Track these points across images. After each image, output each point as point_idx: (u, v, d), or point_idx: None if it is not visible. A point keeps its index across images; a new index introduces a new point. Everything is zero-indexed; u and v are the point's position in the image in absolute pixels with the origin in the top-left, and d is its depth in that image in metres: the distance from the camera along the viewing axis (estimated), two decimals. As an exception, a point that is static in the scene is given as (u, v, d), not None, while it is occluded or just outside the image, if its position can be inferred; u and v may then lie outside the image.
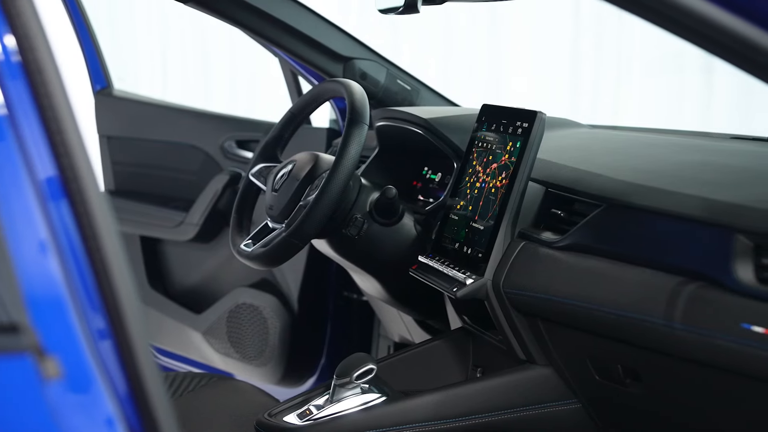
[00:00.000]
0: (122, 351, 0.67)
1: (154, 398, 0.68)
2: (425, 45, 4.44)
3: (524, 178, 1.44)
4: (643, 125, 2.09)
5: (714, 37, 0.94)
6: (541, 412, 1.47)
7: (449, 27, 4.35)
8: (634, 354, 1.28)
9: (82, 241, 0.66)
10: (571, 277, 1.33)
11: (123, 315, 0.67)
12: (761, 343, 1.05)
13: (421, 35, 4.40)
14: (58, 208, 0.67)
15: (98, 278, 0.67)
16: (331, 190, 1.59)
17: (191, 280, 2.74)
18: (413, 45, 4.44)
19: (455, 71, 4.38)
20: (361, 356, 1.49)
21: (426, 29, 4.36)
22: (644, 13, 0.95)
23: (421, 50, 4.44)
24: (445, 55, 4.42)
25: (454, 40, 4.39)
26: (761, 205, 1.15)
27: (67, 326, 0.64)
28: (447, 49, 4.42)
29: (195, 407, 1.79)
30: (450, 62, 4.41)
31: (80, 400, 0.64)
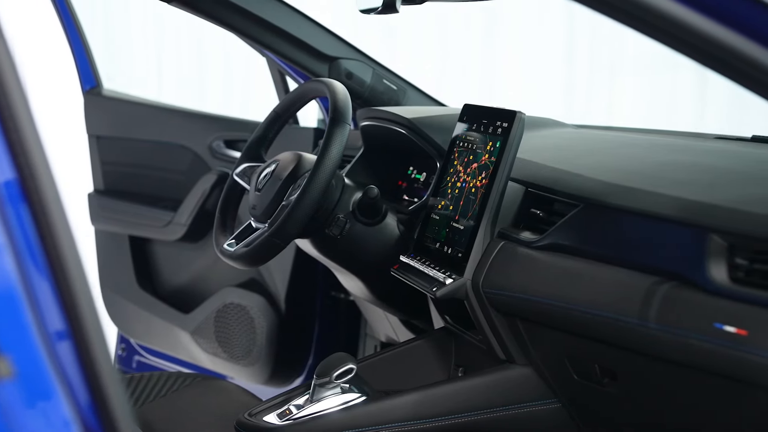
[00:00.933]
0: (80, 352, 0.67)
1: (112, 399, 0.68)
2: (420, 45, 4.44)
3: (503, 177, 1.44)
4: (631, 125, 2.09)
5: (682, 37, 0.94)
6: (521, 412, 1.47)
7: (443, 27, 4.36)
8: (610, 354, 1.28)
9: (39, 240, 0.66)
10: (549, 277, 1.33)
11: (80, 316, 0.67)
12: (733, 343, 1.06)
13: (416, 36, 4.41)
14: (15, 207, 0.67)
15: (55, 278, 0.67)
16: (313, 190, 1.59)
17: (180, 279, 2.74)
18: (408, 45, 4.44)
19: (449, 71, 4.39)
20: (341, 356, 1.49)
21: (421, 29, 4.37)
22: (613, 12, 0.95)
23: (416, 50, 4.45)
24: (439, 55, 4.43)
25: (449, 40, 4.39)
26: (735, 205, 1.15)
27: (21, 326, 0.64)
28: (442, 49, 4.42)
29: (178, 407, 1.79)
30: (444, 62, 4.41)
31: (34, 401, 0.63)
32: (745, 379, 1.07)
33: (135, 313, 2.78)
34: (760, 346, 1.03)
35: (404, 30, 4.41)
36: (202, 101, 4.95)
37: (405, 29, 4.40)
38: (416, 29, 4.37)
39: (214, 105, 4.82)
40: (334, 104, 1.66)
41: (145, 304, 2.73)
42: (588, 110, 4.17)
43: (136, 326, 2.82)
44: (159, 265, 2.78)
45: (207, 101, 4.98)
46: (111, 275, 2.83)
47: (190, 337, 2.62)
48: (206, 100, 5.02)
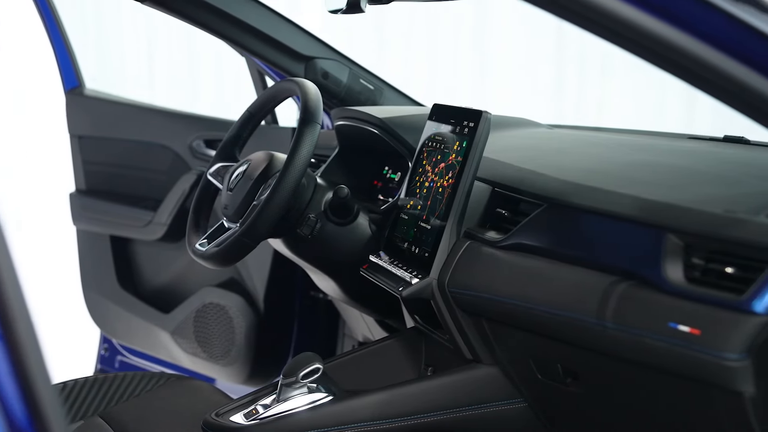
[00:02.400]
0: (12, 356, 0.67)
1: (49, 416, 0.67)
2: (409, 46, 4.44)
3: (469, 177, 1.44)
4: (619, 125, 2.09)
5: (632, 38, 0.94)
6: (488, 412, 1.47)
7: (432, 28, 4.36)
8: (571, 353, 1.28)
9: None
10: (511, 277, 1.33)
11: (11, 319, 0.67)
12: (686, 342, 1.06)
13: (406, 37, 4.41)
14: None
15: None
16: (282, 190, 1.59)
17: (160, 279, 2.74)
18: (397, 45, 4.44)
19: (440, 72, 4.39)
20: (308, 356, 1.49)
21: (410, 30, 4.37)
22: (563, 12, 0.95)
23: (405, 51, 4.45)
24: (429, 56, 4.43)
25: (438, 41, 4.39)
26: (692, 205, 1.15)
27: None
28: (431, 50, 4.42)
29: (151, 407, 1.79)
30: (435, 63, 4.41)
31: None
32: (698, 379, 1.07)
33: (116, 313, 2.78)
34: (712, 345, 1.03)
35: (391, 30, 4.41)
36: (194, 100, 4.95)
37: (395, 30, 4.40)
38: (406, 30, 4.37)
39: (207, 104, 4.82)
40: (304, 104, 1.66)
41: (126, 304, 2.73)
42: (578, 110, 4.17)
43: (118, 326, 2.82)
44: (140, 265, 2.78)
45: (199, 101, 4.98)
46: (92, 275, 2.83)
47: (170, 337, 2.62)
48: (198, 100, 5.01)
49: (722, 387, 1.05)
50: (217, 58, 5.02)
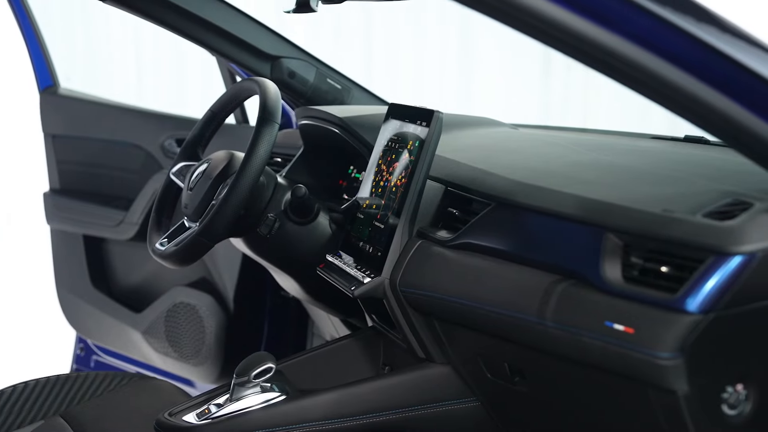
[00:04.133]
0: None
1: None
2: (395, 49, 4.45)
3: (421, 176, 1.44)
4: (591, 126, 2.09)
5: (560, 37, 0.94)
6: (440, 411, 1.47)
7: (418, 31, 4.36)
8: (517, 352, 1.28)
9: None
10: (458, 276, 1.33)
11: None
12: (621, 341, 1.06)
13: (392, 39, 4.41)
14: None
15: None
16: (239, 190, 1.59)
17: (133, 279, 2.74)
18: (384, 48, 4.44)
19: (426, 74, 4.39)
20: (260, 355, 1.49)
21: (396, 33, 4.37)
22: (490, 11, 0.95)
23: (391, 54, 4.45)
24: (415, 59, 4.43)
25: (425, 43, 4.40)
26: (632, 204, 1.15)
27: None
28: (417, 53, 4.42)
29: (110, 406, 1.79)
30: (420, 65, 4.41)
31: None
32: (634, 377, 1.07)
33: (89, 313, 2.78)
34: (645, 344, 1.04)
35: (378, 32, 4.42)
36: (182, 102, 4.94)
37: (379, 33, 4.40)
38: (392, 33, 4.37)
39: (195, 105, 4.81)
40: (263, 103, 1.66)
41: (99, 303, 2.73)
42: (564, 111, 4.18)
43: (91, 326, 2.81)
44: (112, 264, 2.78)
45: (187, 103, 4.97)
46: (66, 275, 2.83)
47: (142, 336, 2.62)
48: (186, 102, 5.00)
49: (656, 385, 1.05)
50: (206, 58, 5.01)
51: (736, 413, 1.08)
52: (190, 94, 5.05)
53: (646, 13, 0.93)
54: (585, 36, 0.93)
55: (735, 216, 1.07)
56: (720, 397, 1.06)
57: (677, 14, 0.95)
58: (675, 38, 0.94)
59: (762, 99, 0.97)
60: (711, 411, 1.06)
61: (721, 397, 1.07)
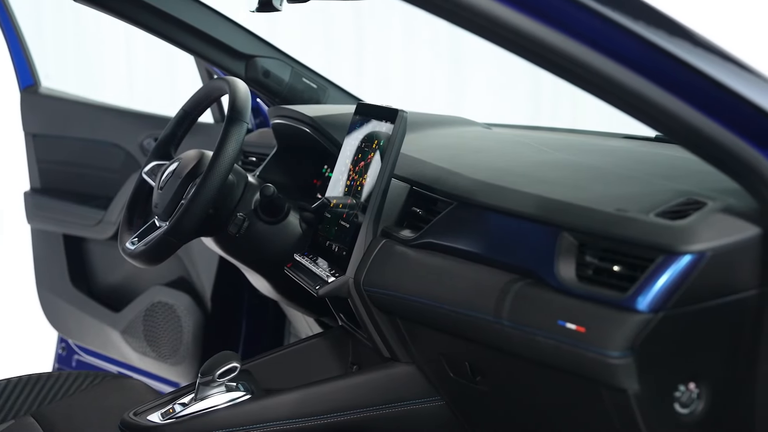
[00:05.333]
0: None
1: None
2: (385, 51, 4.45)
3: (386, 176, 1.44)
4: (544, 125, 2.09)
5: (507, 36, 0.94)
6: (405, 410, 1.47)
7: (409, 30, 4.36)
8: (477, 351, 1.28)
9: None
10: (419, 275, 1.33)
11: None
12: (573, 340, 1.06)
13: (382, 41, 4.41)
14: None
15: None
16: (207, 189, 1.59)
17: (112, 278, 2.74)
18: (373, 50, 4.45)
19: (416, 76, 4.39)
20: (226, 354, 1.49)
21: (387, 35, 4.37)
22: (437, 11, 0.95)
23: (381, 57, 4.45)
24: (405, 59, 4.43)
25: (414, 45, 4.40)
26: (588, 203, 1.15)
27: None
28: (407, 55, 4.42)
29: (81, 406, 1.79)
30: (410, 67, 4.41)
31: None
32: (586, 376, 1.07)
33: (69, 312, 2.78)
34: (596, 342, 1.04)
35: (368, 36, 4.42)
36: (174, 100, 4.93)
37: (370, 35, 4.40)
38: (383, 34, 4.37)
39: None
40: (232, 102, 1.66)
41: (79, 303, 2.73)
42: (554, 112, 4.18)
43: (71, 326, 2.81)
44: (92, 263, 2.77)
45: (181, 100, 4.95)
46: (46, 274, 2.83)
47: (120, 336, 2.62)
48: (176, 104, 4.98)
49: (607, 384, 1.05)
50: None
51: (689, 412, 1.08)
52: (182, 93, 5.04)
53: (593, 13, 0.94)
54: (531, 34, 0.93)
55: (687, 215, 1.07)
56: (672, 395, 1.07)
57: (624, 13, 0.95)
58: (620, 37, 0.94)
59: (708, 98, 0.97)
60: (663, 410, 1.06)
61: (673, 396, 1.07)
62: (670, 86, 0.96)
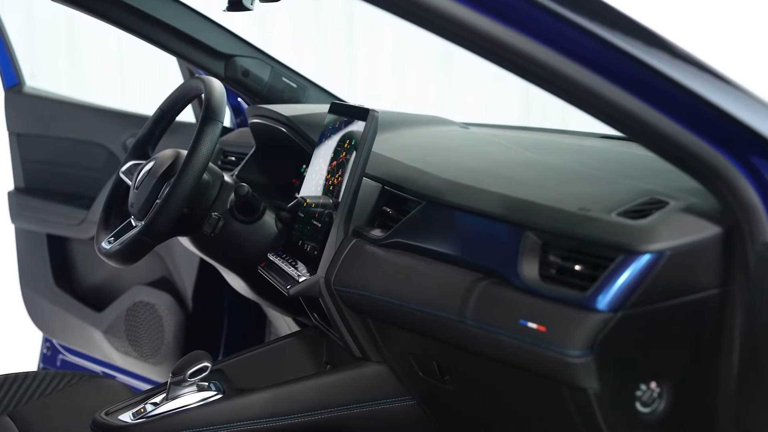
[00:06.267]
0: None
1: None
2: (377, 52, 4.45)
3: (356, 175, 1.44)
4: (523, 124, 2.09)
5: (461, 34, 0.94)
6: (377, 409, 1.47)
7: (400, 32, 4.36)
8: (444, 351, 1.28)
9: None
10: (388, 275, 1.33)
11: None
12: (534, 339, 1.06)
13: (374, 42, 4.41)
14: None
15: None
16: (180, 189, 1.59)
17: (95, 278, 2.74)
18: (365, 52, 4.44)
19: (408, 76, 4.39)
20: (197, 354, 1.49)
21: (379, 36, 4.37)
22: (396, 10, 0.95)
23: (373, 58, 4.45)
24: (396, 60, 4.43)
25: (407, 44, 4.40)
26: (552, 203, 1.15)
27: None
28: (399, 58, 4.42)
29: (58, 406, 1.79)
30: (402, 68, 4.41)
31: None
32: (547, 375, 1.08)
33: (53, 312, 2.77)
34: (556, 342, 1.04)
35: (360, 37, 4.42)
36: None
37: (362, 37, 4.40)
38: (375, 36, 4.37)
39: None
40: (207, 101, 1.66)
41: (62, 302, 2.73)
42: (544, 113, 4.18)
43: (55, 325, 2.81)
44: (75, 263, 2.77)
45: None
46: (30, 274, 2.82)
47: (103, 335, 2.61)
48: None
49: (568, 383, 1.06)
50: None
51: (650, 411, 1.08)
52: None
53: (550, 12, 0.94)
54: (488, 33, 0.93)
55: (649, 215, 1.07)
56: (633, 395, 1.07)
57: (582, 12, 0.95)
58: (578, 36, 0.95)
59: (667, 98, 0.97)
60: (624, 409, 1.06)
61: (634, 395, 1.07)
62: (628, 85, 0.96)
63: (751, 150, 1.00)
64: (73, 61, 5.10)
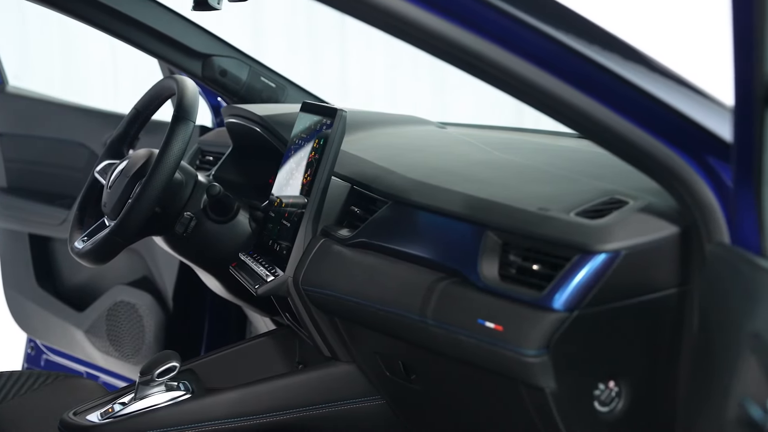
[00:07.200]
0: None
1: None
2: (371, 56, 4.44)
3: (324, 175, 1.44)
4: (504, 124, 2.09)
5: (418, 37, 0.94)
6: (346, 409, 1.47)
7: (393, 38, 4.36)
8: (407, 350, 1.28)
9: None
10: (353, 274, 1.33)
11: None
12: (491, 339, 1.06)
13: (368, 45, 4.41)
14: None
15: None
16: (151, 188, 1.59)
17: (77, 277, 2.73)
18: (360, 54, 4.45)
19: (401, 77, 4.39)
20: (166, 353, 1.49)
21: (373, 39, 4.37)
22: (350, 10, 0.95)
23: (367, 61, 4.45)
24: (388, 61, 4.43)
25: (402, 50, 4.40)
26: (512, 202, 1.15)
27: None
28: (392, 60, 4.42)
29: (30, 406, 1.78)
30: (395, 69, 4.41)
31: None
32: (505, 374, 1.07)
33: (35, 312, 2.77)
34: (513, 341, 1.04)
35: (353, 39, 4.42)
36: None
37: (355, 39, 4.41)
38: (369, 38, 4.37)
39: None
40: (179, 101, 1.66)
41: (44, 302, 2.72)
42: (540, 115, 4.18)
43: (37, 325, 2.80)
44: (58, 263, 2.77)
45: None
46: (13, 274, 2.82)
47: (84, 335, 2.61)
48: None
49: (525, 383, 1.06)
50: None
51: (609, 410, 1.08)
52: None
53: (501, 12, 0.94)
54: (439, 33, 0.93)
55: (606, 214, 1.07)
56: (591, 394, 1.07)
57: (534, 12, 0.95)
58: (530, 36, 0.94)
59: (620, 97, 0.97)
60: (582, 408, 1.06)
61: (592, 395, 1.07)
62: (580, 84, 0.96)
63: (706, 150, 1.00)
64: (67, 58, 5.09)
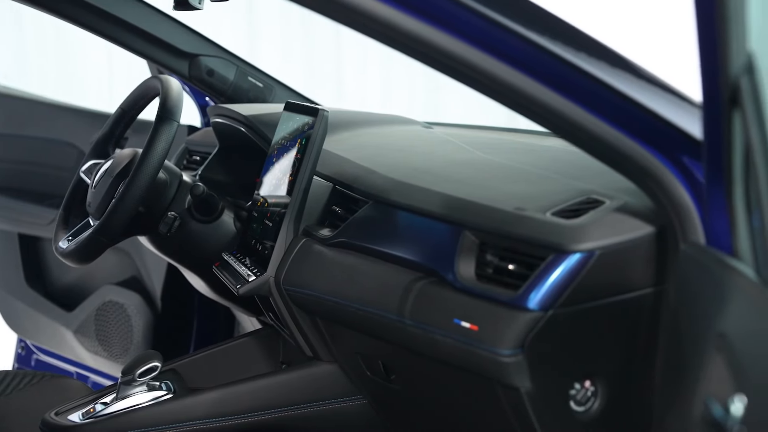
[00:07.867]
0: None
1: None
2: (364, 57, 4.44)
3: (306, 174, 1.44)
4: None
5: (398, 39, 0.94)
6: (328, 409, 1.47)
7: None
8: (387, 350, 1.28)
9: None
10: (333, 274, 1.33)
11: None
12: (466, 338, 1.06)
13: (362, 47, 4.41)
14: None
15: None
16: (134, 187, 1.59)
17: (66, 277, 2.73)
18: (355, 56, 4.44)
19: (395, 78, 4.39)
20: (148, 353, 1.49)
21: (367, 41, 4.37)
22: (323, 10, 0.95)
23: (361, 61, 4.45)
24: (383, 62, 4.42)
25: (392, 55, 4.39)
26: (489, 202, 1.15)
27: None
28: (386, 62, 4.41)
29: (14, 405, 1.78)
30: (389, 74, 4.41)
31: None
32: (481, 374, 1.08)
33: (25, 312, 2.76)
34: (487, 341, 1.04)
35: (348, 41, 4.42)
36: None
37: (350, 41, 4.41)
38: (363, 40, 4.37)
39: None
40: (163, 101, 1.66)
41: (33, 302, 2.71)
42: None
43: (27, 325, 2.80)
44: (47, 262, 2.76)
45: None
46: (2, 274, 2.82)
47: (73, 335, 2.61)
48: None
49: (501, 382, 1.06)
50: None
51: (585, 410, 1.08)
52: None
53: (475, 13, 0.94)
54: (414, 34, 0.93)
55: (582, 214, 1.07)
56: (567, 393, 1.07)
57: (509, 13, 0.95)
58: (505, 36, 0.94)
59: (595, 98, 0.97)
60: (558, 408, 1.06)
61: (568, 394, 1.07)
62: (553, 84, 0.96)
63: (681, 150, 1.00)
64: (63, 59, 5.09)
